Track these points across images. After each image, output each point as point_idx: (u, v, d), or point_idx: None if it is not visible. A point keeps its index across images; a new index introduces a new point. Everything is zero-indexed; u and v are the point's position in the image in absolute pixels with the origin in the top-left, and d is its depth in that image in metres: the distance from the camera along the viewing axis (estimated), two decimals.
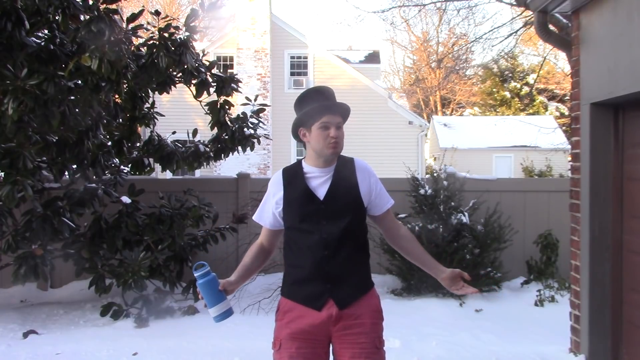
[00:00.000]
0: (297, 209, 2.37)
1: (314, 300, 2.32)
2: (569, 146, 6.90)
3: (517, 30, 12.74)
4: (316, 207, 2.35)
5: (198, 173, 13.82)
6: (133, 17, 5.33)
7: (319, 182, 2.39)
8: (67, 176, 6.09)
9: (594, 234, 4.07)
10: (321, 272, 2.32)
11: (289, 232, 2.43)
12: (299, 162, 2.48)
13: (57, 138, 5.56)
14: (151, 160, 6.83)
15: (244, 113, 6.76)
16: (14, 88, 4.69)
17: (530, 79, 29.19)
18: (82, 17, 5.13)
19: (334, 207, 2.35)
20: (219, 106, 6.39)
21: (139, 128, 6.90)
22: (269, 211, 2.47)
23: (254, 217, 2.56)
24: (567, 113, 24.89)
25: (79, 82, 5.25)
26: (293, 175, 2.43)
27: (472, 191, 7.10)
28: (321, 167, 2.40)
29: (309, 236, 2.33)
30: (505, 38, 13.79)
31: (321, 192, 2.37)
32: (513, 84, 30.50)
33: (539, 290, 6.49)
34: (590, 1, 4.00)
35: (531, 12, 7.00)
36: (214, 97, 6.43)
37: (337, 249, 2.32)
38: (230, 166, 14.07)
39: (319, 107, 2.35)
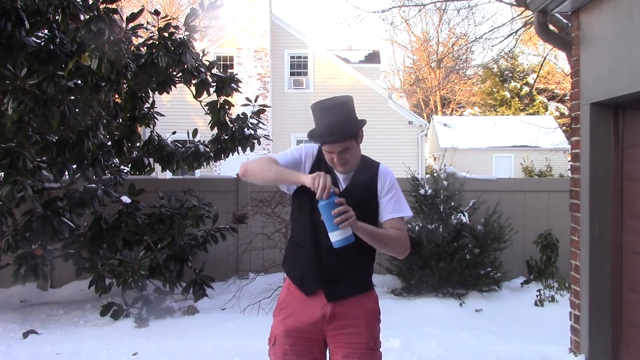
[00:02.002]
0: (308, 199, 2.28)
1: (305, 285, 2.33)
2: (569, 146, 6.89)
3: (517, 30, 12.72)
4: None
5: (198, 173, 13.82)
6: (133, 17, 5.33)
7: (338, 179, 2.34)
8: (67, 176, 6.09)
9: (594, 234, 4.07)
10: (319, 261, 2.30)
11: (296, 213, 2.39)
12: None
13: (57, 138, 5.56)
14: (151, 160, 6.83)
15: (244, 113, 6.76)
16: (14, 88, 4.69)
17: (530, 79, 29.19)
18: (82, 17, 5.13)
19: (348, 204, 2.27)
20: (219, 106, 6.39)
21: (139, 128, 6.90)
22: (290, 157, 2.35)
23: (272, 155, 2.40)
24: (567, 113, 24.89)
25: (79, 82, 5.25)
26: (320, 162, 2.35)
27: (472, 191, 7.11)
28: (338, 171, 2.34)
29: (316, 226, 2.29)
30: (505, 38, 13.76)
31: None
32: (513, 84, 30.50)
33: (539, 290, 6.49)
34: (590, 1, 4.00)
35: (531, 12, 7.00)
36: (214, 97, 6.43)
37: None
38: (230, 166, 14.00)
39: (318, 138, 2.25)
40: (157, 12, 5.60)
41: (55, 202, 5.63)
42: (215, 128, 6.60)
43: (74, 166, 5.95)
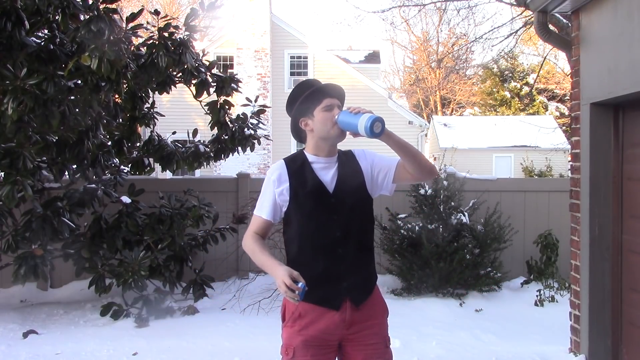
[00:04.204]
0: (306, 204, 2.26)
1: (330, 300, 2.25)
2: (569, 146, 6.89)
3: (517, 30, 12.71)
4: (327, 202, 2.26)
5: (198, 173, 13.83)
6: (133, 17, 5.32)
7: (327, 173, 2.30)
8: (67, 176, 6.09)
9: (594, 233, 4.07)
10: (335, 271, 2.25)
11: (295, 227, 2.30)
12: (301, 152, 2.38)
13: (57, 138, 5.56)
14: (151, 160, 6.82)
15: (244, 113, 6.76)
16: (14, 88, 4.69)
17: (530, 79, 29.18)
18: (82, 17, 5.12)
19: (344, 201, 2.26)
20: (219, 106, 6.39)
21: (139, 128, 6.90)
22: (268, 202, 2.33)
23: (254, 212, 2.41)
24: (567, 113, 24.89)
25: (79, 82, 5.24)
26: (299, 166, 2.32)
27: (472, 191, 7.11)
28: (325, 157, 2.32)
29: (320, 233, 2.25)
30: (505, 38, 13.72)
31: (330, 185, 2.28)
32: (513, 84, 30.49)
33: (539, 290, 6.49)
34: (590, 1, 3.99)
35: (531, 12, 7.00)
36: (214, 97, 6.43)
37: (350, 246, 2.26)
38: (230, 166, 14.06)
39: (317, 90, 2.29)
40: (157, 12, 5.59)
41: (55, 202, 5.63)
42: (215, 128, 6.59)
43: (74, 166, 5.95)
